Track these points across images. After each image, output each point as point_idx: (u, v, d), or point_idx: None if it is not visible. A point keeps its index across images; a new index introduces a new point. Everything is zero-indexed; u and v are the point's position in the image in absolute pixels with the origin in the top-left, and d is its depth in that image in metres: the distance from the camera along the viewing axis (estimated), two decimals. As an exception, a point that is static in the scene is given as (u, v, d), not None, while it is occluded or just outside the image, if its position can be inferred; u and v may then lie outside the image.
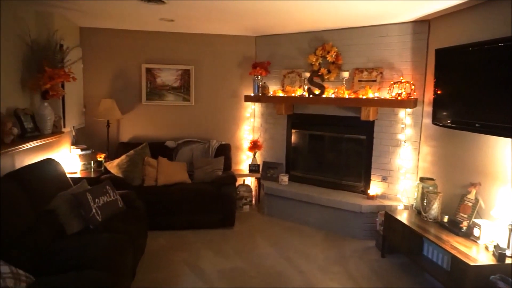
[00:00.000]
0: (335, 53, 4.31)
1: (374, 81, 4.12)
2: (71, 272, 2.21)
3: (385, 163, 4.20)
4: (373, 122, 4.21)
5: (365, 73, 4.19)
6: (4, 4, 3.15)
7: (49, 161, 3.34)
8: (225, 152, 4.97)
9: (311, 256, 3.68)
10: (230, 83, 5.20)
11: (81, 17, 4.19)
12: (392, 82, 3.91)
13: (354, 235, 4.14)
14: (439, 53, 3.36)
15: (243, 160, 5.37)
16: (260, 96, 4.80)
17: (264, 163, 5.15)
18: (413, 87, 3.78)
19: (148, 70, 5.01)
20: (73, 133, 4.46)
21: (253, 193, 5.22)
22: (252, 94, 4.88)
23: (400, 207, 3.96)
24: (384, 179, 4.22)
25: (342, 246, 3.93)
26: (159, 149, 4.82)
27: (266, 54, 5.01)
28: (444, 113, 3.30)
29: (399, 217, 3.46)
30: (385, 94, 4.03)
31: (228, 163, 4.92)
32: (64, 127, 4.12)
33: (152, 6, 3.51)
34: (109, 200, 3.23)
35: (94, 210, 2.99)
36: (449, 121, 3.23)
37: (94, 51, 4.82)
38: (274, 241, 4.02)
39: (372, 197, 4.19)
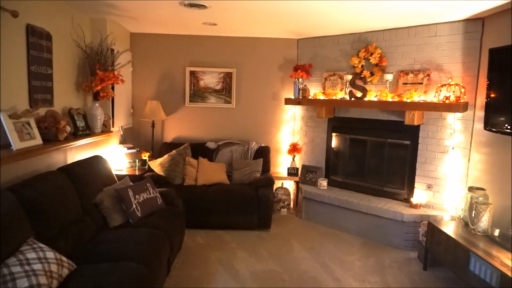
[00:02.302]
0: (379, 55, 4.16)
1: (421, 83, 3.92)
2: (109, 263, 2.34)
3: (431, 170, 3.97)
4: (418, 126, 4.00)
5: (411, 75, 4.00)
6: (63, 12, 3.44)
7: (97, 158, 3.57)
8: (264, 154, 4.99)
9: (347, 264, 3.58)
10: (271, 86, 5.22)
11: (132, 23, 4.45)
12: (439, 85, 3.69)
13: (395, 245, 3.95)
14: (493, 52, 3.12)
15: (282, 163, 5.35)
16: (301, 99, 4.76)
17: (303, 166, 5.10)
18: (463, 90, 3.54)
19: (192, 73, 5.18)
20: (121, 133, 4.72)
21: (292, 196, 5.18)
22: (293, 97, 4.85)
23: (446, 217, 3.72)
24: (429, 187, 3.99)
25: (381, 255, 3.77)
26: (200, 149, 4.96)
27: (307, 56, 4.97)
28: (499, 118, 3.05)
29: (444, 228, 3.25)
30: (432, 97, 3.81)
31: (267, 166, 4.94)
32: (113, 126, 4.38)
33: (196, 10, 3.63)
34: (149, 197, 3.37)
35: (134, 206, 3.14)
36: (504, 127, 2.98)
37: (142, 55, 5.09)
38: (310, 246, 3.96)
39: (415, 206, 3.97)
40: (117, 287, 2.07)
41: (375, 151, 4.52)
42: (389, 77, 4.01)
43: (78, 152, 3.66)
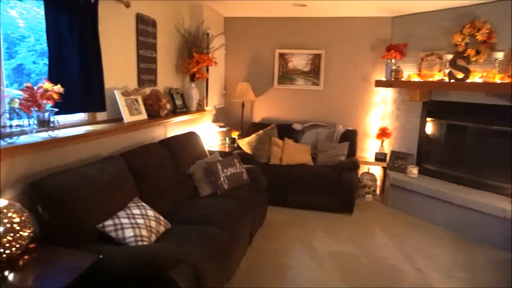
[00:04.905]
0: (487, 30, 3.69)
1: (539, 62, 3.39)
2: (198, 225, 2.63)
3: (547, 164, 3.45)
4: (533, 112, 3.48)
5: (527, 53, 3.47)
6: (166, 0, 3.81)
7: (192, 134, 3.95)
8: (351, 137, 4.89)
9: (433, 256, 3.37)
10: (361, 67, 5.03)
11: (225, 7, 4.70)
12: None
13: (493, 243, 3.57)
14: None
15: (369, 148, 5.17)
16: (393, 81, 4.50)
17: (392, 152, 4.85)
18: None
19: (281, 55, 5.28)
20: (214, 112, 5.09)
21: (378, 182, 5.00)
22: (384, 79, 4.61)
23: None
24: (543, 182, 3.48)
25: (475, 253, 3.46)
26: (286, 130, 5.08)
27: (402, 35, 4.63)
28: None
29: (555, 229, 2.83)
30: (553, 78, 3.28)
31: (353, 149, 4.84)
32: (207, 106, 4.74)
33: (285, -8, 3.69)
34: (236, 171, 3.62)
35: (222, 179, 3.42)
36: None
37: (234, 38, 5.34)
38: (393, 234, 3.82)
39: (523, 202, 3.51)
40: (203, 246, 2.33)
41: (476, 139, 4.08)
42: (499, 55, 3.54)
43: (176, 127, 4.08)
